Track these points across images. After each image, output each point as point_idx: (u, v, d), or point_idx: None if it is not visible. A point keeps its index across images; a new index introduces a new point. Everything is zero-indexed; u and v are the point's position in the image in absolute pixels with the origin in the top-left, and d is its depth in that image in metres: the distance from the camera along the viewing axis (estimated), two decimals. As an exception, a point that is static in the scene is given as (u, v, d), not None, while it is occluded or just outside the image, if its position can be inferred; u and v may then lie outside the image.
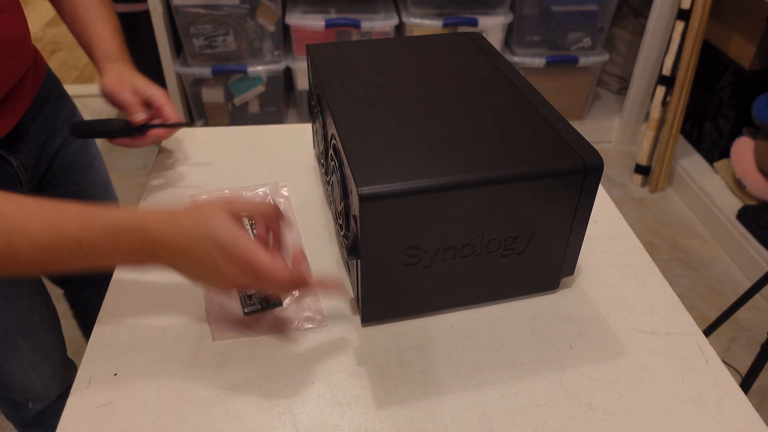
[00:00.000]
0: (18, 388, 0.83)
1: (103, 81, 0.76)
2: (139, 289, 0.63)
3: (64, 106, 0.86)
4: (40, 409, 0.86)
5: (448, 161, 0.53)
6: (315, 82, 0.70)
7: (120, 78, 0.76)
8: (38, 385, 0.84)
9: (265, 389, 0.54)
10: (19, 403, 0.86)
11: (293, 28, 1.94)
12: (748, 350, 1.55)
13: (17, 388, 0.83)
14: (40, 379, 0.84)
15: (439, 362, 0.56)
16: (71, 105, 0.88)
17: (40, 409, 0.86)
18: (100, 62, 0.77)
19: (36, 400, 0.86)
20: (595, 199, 0.56)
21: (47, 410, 0.88)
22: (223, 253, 0.50)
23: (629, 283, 0.66)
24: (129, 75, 0.77)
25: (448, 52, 0.72)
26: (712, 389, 0.55)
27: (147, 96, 0.77)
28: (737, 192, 1.90)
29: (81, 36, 0.79)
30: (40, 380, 0.84)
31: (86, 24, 0.78)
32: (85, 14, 0.78)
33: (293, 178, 0.80)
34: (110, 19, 0.80)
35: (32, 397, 0.85)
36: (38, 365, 0.83)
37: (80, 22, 0.78)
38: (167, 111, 0.77)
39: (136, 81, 0.77)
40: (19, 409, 0.87)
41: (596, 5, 2.02)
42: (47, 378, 0.85)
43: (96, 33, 0.78)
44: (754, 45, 1.82)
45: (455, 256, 0.55)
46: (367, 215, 0.50)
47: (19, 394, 0.84)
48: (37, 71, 0.79)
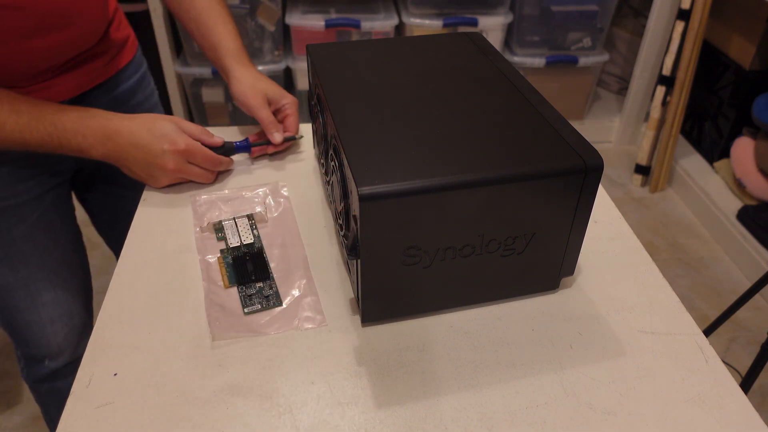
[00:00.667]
0: (35, 342, 0.87)
1: (237, 90, 0.80)
2: (139, 289, 0.63)
3: (141, 94, 0.91)
4: (54, 367, 0.89)
5: (448, 161, 0.53)
6: (315, 82, 0.70)
7: (254, 89, 0.79)
8: (53, 342, 0.87)
9: (265, 389, 0.54)
10: (37, 358, 0.89)
11: (293, 28, 1.94)
12: (748, 350, 1.55)
13: (34, 342, 0.86)
14: (56, 335, 0.87)
15: (439, 362, 0.56)
16: (153, 99, 0.95)
17: (54, 368, 0.89)
18: (229, 64, 0.81)
19: (51, 357, 0.88)
20: (595, 199, 0.56)
21: (59, 372, 0.90)
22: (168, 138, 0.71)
23: (629, 283, 0.66)
24: (259, 82, 0.81)
25: (448, 52, 0.73)
26: (712, 389, 0.55)
27: (279, 105, 0.82)
28: (737, 192, 1.90)
29: (205, 38, 0.83)
30: (56, 337, 0.87)
31: (209, 27, 0.82)
32: (208, 18, 0.82)
33: (293, 178, 0.80)
34: (231, 21, 0.84)
35: (48, 354, 0.88)
36: (56, 320, 0.86)
37: (203, 25, 0.83)
38: (288, 123, 0.82)
39: (269, 89, 0.81)
40: (35, 365, 0.90)
41: (596, 5, 2.02)
42: (63, 337, 0.87)
43: (221, 35, 0.82)
44: (754, 45, 1.82)
45: (455, 256, 0.55)
46: (366, 215, 0.50)
47: (35, 348, 0.87)
48: (119, 50, 0.86)
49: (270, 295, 0.62)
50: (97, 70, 0.83)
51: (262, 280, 0.64)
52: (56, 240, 0.84)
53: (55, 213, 0.84)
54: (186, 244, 0.69)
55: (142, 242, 0.69)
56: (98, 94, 0.84)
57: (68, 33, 0.73)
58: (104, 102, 0.85)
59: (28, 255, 0.81)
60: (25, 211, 0.80)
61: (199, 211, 0.73)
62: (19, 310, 0.83)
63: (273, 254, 0.68)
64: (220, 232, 0.70)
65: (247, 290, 0.63)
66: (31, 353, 0.89)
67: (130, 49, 0.89)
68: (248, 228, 0.70)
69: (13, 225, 0.79)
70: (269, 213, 0.73)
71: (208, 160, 0.75)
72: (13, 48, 0.69)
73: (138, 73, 0.92)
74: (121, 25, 0.88)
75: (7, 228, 0.79)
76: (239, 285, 0.63)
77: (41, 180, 0.81)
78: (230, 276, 0.64)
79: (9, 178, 0.78)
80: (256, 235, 0.70)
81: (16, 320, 0.84)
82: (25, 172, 0.79)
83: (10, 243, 0.80)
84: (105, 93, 0.85)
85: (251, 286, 0.63)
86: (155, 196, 0.76)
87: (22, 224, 0.80)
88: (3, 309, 0.84)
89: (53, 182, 0.84)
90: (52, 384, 0.91)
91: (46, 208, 0.83)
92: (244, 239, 0.69)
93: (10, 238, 0.80)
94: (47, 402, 0.97)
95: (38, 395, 0.96)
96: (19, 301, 0.83)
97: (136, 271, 0.65)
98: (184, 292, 0.63)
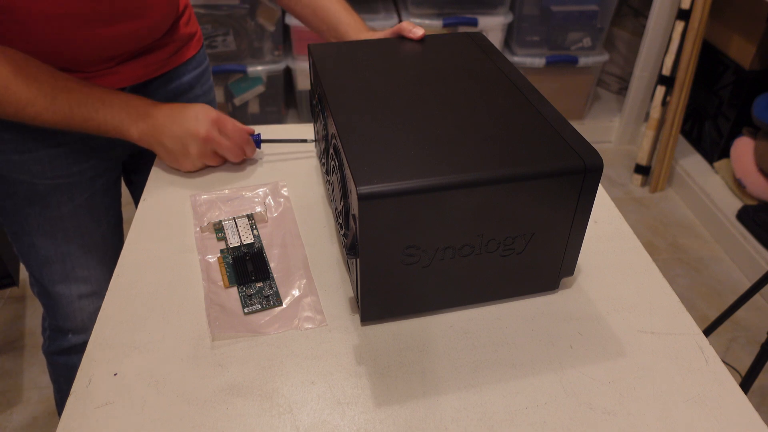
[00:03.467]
0: (62, 315, 0.90)
1: None
2: (139, 289, 0.63)
3: (199, 89, 0.94)
4: (75, 342, 0.92)
5: (447, 161, 0.53)
6: (316, 81, 0.70)
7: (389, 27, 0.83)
8: (79, 317, 0.90)
9: (265, 389, 0.54)
10: (62, 330, 0.92)
11: (293, 28, 1.94)
12: (748, 350, 1.55)
13: (62, 314, 0.90)
14: (82, 311, 0.90)
15: (439, 362, 0.56)
16: (211, 95, 0.98)
17: (75, 342, 0.92)
18: (355, 36, 0.84)
19: (75, 332, 0.92)
20: (594, 199, 0.56)
21: (79, 347, 0.93)
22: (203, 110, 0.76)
23: (629, 283, 0.66)
24: None
25: (449, 52, 0.73)
26: (712, 389, 0.55)
27: None
28: (737, 192, 1.90)
29: (323, 21, 0.87)
30: (82, 314, 0.90)
31: (326, 9, 0.86)
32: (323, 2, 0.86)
33: (293, 178, 0.80)
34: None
35: (72, 327, 0.91)
36: (85, 297, 0.89)
37: (320, 9, 0.87)
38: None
39: None
40: (59, 337, 0.93)
41: (596, 5, 2.02)
42: (88, 315, 0.90)
43: (338, 12, 0.86)
44: (754, 45, 1.82)
45: (454, 255, 0.55)
46: (366, 214, 0.50)
47: (62, 320, 0.91)
48: (185, 44, 0.90)
49: (270, 295, 0.62)
50: (160, 62, 0.86)
51: (262, 280, 0.64)
52: (99, 221, 0.89)
53: (102, 197, 0.89)
54: (186, 244, 0.69)
55: (142, 242, 0.69)
56: (158, 85, 0.88)
57: (137, 24, 0.76)
58: (163, 93, 0.89)
59: (71, 232, 0.86)
60: (76, 191, 0.84)
61: (199, 211, 0.73)
62: (52, 281, 0.87)
63: (273, 254, 0.68)
64: (220, 232, 0.70)
65: (247, 290, 0.63)
66: (58, 325, 0.92)
67: (195, 45, 0.93)
68: (248, 228, 0.70)
69: (63, 203, 0.84)
70: (269, 213, 0.73)
71: (238, 130, 0.78)
72: (84, 35, 0.72)
73: (199, 69, 0.94)
74: (191, 21, 0.91)
75: (57, 204, 0.83)
76: (239, 285, 0.63)
77: (95, 164, 0.85)
78: (230, 276, 0.64)
79: (66, 159, 0.82)
80: (256, 235, 0.70)
81: (49, 291, 0.88)
82: (81, 155, 0.83)
83: (57, 219, 0.84)
84: (165, 84, 0.89)
85: (251, 286, 0.63)
86: (155, 196, 0.76)
87: (71, 203, 0.84)
88: (40, 278, 0.88)
89: (106, 166, 0.88)
90: (69, 358, 0.94)
91: (95, 191, 0.87)
92: (244, 239, 0.69)
93: (58, 214, 0.84)
94: (60, 375, 1.00)
95: (53, 368, 0.99)
96: (54, 273, 0.87)
97: (136, 271, 0.65)
98: (184, 292, 0.63)
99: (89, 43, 0.73)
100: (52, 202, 0.83)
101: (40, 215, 0.83)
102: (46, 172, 0.81)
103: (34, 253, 0.86)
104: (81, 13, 0.69)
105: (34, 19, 0.68)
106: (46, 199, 0.83)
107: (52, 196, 0.83)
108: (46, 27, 0.69)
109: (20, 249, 0.87)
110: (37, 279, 0.89)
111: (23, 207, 0.83)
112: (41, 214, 0.83)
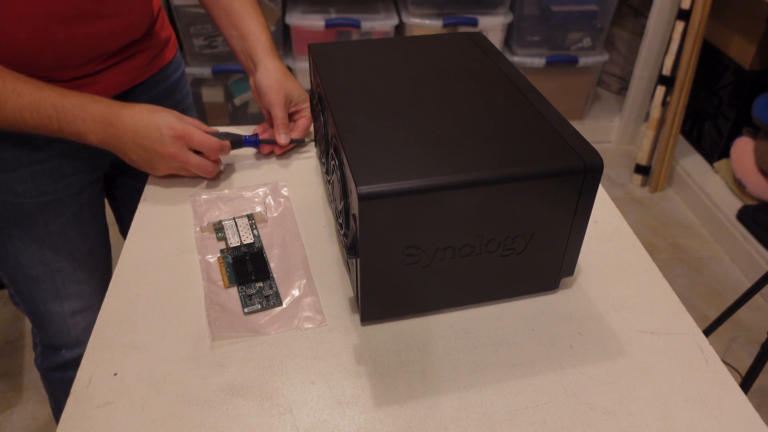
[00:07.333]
0: (55, 332, 0.88)
1: (263, 82, 0.80)
2: (139, 289, 0.63)
3: (178, 93, 0.94)
4: (69, 357, 0.91)
5: (447, 161, 0.53)
6: (316, 81, 0.70)
7: (280, 86, 0.80)
8: (73, 333, 0.89)
9: (265, 389, 0.54)
10: (55, 347, 0.91)
11: (293, 28, 1.94)
12: (748, 350, 1.55)
13: (54, 331, 0.88)
14: (76, 327, 0.88)
15: (439, 362, 0.56)
16: (188, 100, 0.97)
17: (69, 358, 0.91)
18: (260, 54, 0.81)
19: (69, 347, 0.90)
20: (595, 199, 0.56)
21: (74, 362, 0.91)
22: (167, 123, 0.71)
23: (629, 283, 0.66)
24: (287, 80, 0.82)
25: (449, 52, 0.72)
26: (712, 389, 0.55)
27: (298, 108, 0.83)
28: (737, 192, 1.90)
29: (235, 27, 0.83)
30: (76, 329, 0.89)
31: (242, 17, 0.83)
32: (240, 7, 0.83)
33: (293, 178, 0.80)
34: (262, 13, 0.85)
35: (66, 343, 0.90)
36: (77, 313, 0.88)
37: (235, 14, 0.83)
38: (299, 125, 0.83)
39: (294, 89, 0.82)
40: (52, 354, 0.92)
41: (596, 5, 2.02)
42: (82, 329, 0.89)
43: (253, 25, 0.83)
44: (754, 45, 1.82)
45: (454, 255, 0.55)
46: (366, 214, 0.50)
47: (54, 337, 0.89)
48: (162, 49, 0.89)
49: (270, 295, 0.62)
50: (140, 68, 0.85)
51: (262, 280, 0.64)
52: (86, 235, 0.87)
53: (88, 210, 0.87)
54: (186, 244, 0.69)
55: (142, 242, 0.69)
56: (141, 91, 0.87)
57: (112, 23, 0.75)
58: (146, 99, 0.87)
59: (60, 249, 0.84)
60: (63, 206, 0.83)
61: (199, 211, 0.73)
62: (43, 300, 0.86)
63: (273, 254, 0.68)
64: (220, 232, 0.70)
65: (247, 290, 0.63)
66: (50, 342, 0.90)
67: (171, 49, 0.92)
68: (248, 228, 0.70)
69: (51, 220, 0.82)
70: (269, 213, 0.73)
71: (206, 143, 0.74)
72: (56, 34, 0.70)
73: (177, 73, 0.94)
74: (164, 25, 0.91)
75: (44, 222, 0.82)
76: (239, 285, 0.63)
77: (81, 177, 0.84)
78: (230, 276, 0.64)
79: (51, 175, 0.80)
80: (256, 235, 0.70)
81: (39, 309, 0.87)
82: (67, 169, 0.81)
83: (45, 236, 0.82)
84: (147, 90, 0.88)
85: (251, 286, 0.63)
86: (155, 196, 0.76)
87: (59, 219, 0.83)
88: (28, 298, 0.86)
89: (91, 178, 0.86)
90: (65, 373, 0.93)
91: (81, 205, 0.85)
92: (244, 239, 0.69)
93: (46, 231, 0.82)
94: (57, 390, 0.98)
95: (49, 383, 0.98)
96: (44, 291, 0.85)
97: (136, 271, 0.65)
98: (184, 292, 0.63)
99: (66, 43, 0.71)
100: (40, 220, 0.81)
101: (27, 235, 0.81)
102: (31, 191, 0.79)
103: (22, 273, 0.84)
104: (56, 11, 0.68)
105: (8, 21, 0.66)
106: (34, 217, 0.81)
107: (39, 214, 0.81)
108: (21, 27, 0.67)
109: (5, 270, 0.85)
110: (26, 297, 0.86)
111: (8, 227, 0.80)
112: (28, 233, 0.81)
